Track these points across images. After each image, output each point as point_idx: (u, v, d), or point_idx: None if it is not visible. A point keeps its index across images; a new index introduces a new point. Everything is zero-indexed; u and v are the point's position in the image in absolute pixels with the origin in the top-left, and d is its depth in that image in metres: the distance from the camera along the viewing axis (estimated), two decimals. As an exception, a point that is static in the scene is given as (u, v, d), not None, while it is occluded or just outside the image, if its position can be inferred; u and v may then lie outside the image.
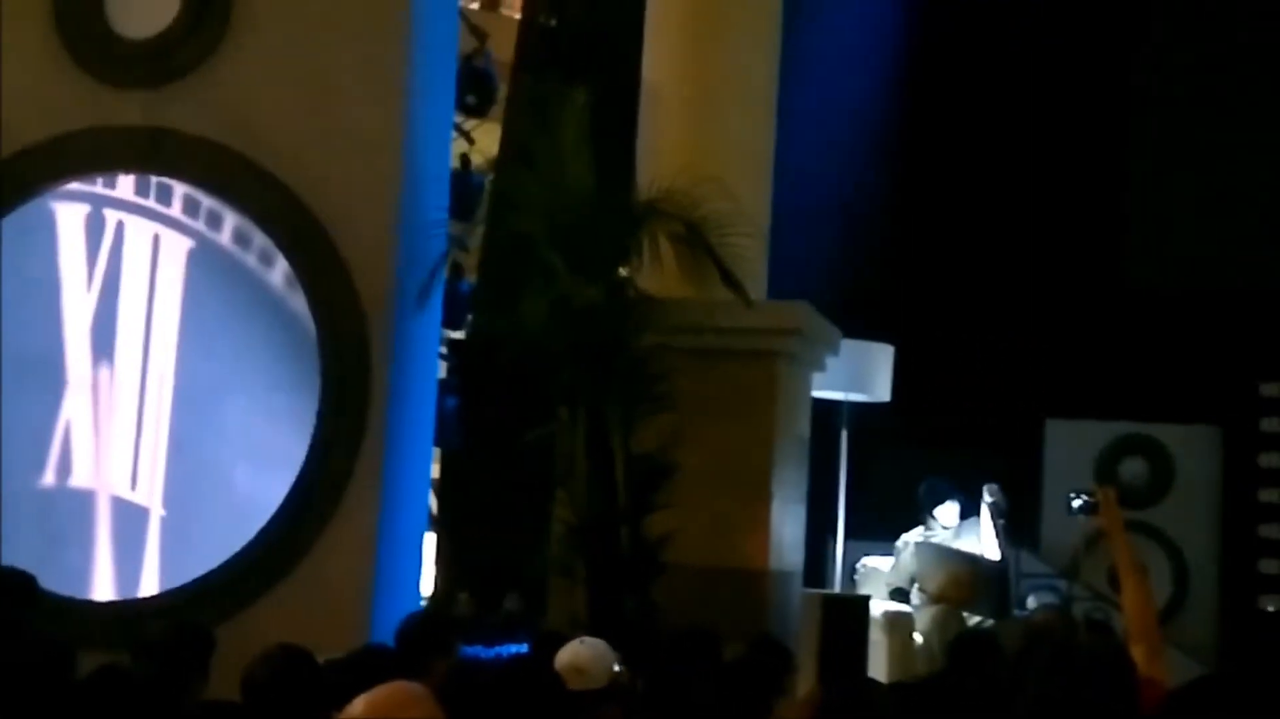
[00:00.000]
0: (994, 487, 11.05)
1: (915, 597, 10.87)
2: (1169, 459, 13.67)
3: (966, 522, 11.17)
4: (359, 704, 3.38)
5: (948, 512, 11.17)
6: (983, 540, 10.98)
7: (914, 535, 11.26)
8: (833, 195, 12.91)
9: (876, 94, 13.68)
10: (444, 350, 10.00)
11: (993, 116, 13.94)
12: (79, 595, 8.64)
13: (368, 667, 4.95)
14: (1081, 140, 14.05)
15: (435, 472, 10.41)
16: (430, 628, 6.52)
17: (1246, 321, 13.41)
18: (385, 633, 7.84)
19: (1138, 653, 5.01)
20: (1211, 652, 12.30)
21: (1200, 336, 13.39)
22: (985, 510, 10.96)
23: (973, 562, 10.79)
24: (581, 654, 5.35)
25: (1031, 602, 11.32)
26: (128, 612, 8.47)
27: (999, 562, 10.81)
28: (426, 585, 10.29)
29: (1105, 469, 13.27)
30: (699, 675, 5.29)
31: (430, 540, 10.29)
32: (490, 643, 8.78)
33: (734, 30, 10.48)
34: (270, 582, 8.60)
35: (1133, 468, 13.39)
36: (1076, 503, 6.07)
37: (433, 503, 10.35)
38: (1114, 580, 12.12)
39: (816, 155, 12.45)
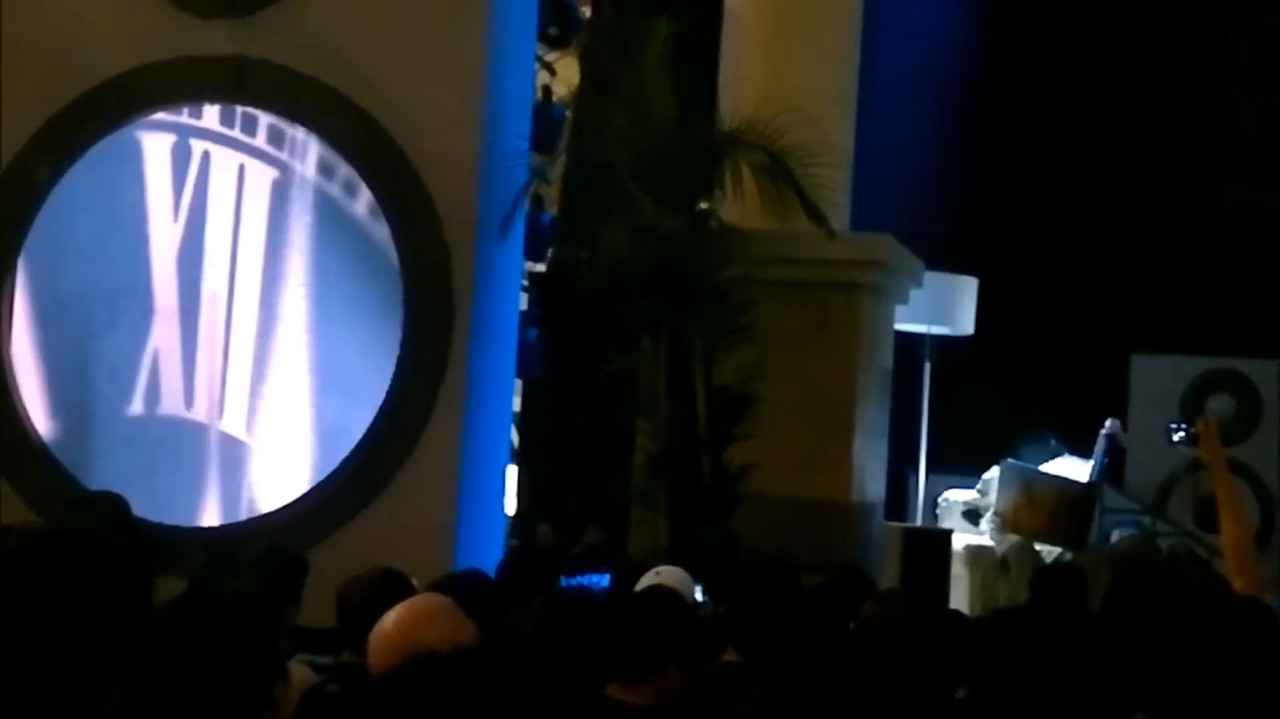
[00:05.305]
0: (1116, 422, 10.86)
1: (987, 522, 10.75)
2: (1257, 394, 13.46)
3: (1063, 459, 11.05)
4: (390, 618, 3.42)
5: (1055, 467, 11.02)
6: (1074, 468, 10.85)
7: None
8: (917, 125, 12.78)
9: (961, 24, 13.50)
10: (525, 282, 10.02)
11: (1080, 46, 13.74)
12: (166, 522, 8.74)
13: (463, 592, 4.97)
14: (1171, 73, 13.83)
15: (517, 403, 10.43)
16: (531, 565, 6.58)
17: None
18: (468, 561, 7.91)
19: (1236, 587, 4.95)
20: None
21: (1288, 270, 13.20)
22: (1100, 440, 10.78)
23: (1058, 483, 10.65)
24: (661, 579, 5.40)
25: (1116, 536, 11.23)
26: (214, 538, 8.57)
27: (1085, 484, 10.65)
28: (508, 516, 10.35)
29: (1192, 405, 13.10)
30: (777, 604, 5.28)
31: (511, 471, 10.34)
32: (572, 573, 8.82)
33: (817, -41, 10.38)
34: (353, 510, 8.68)
35: (1220, 403, 13.20)
36: (1177, 435, 5.95)
37: (514, 434, 10.38)
38: (1199, 517, 12.05)
39: (900, 85, 12.32)
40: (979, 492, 10.97)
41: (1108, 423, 10.87)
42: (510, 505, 10.28)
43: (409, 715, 1.89)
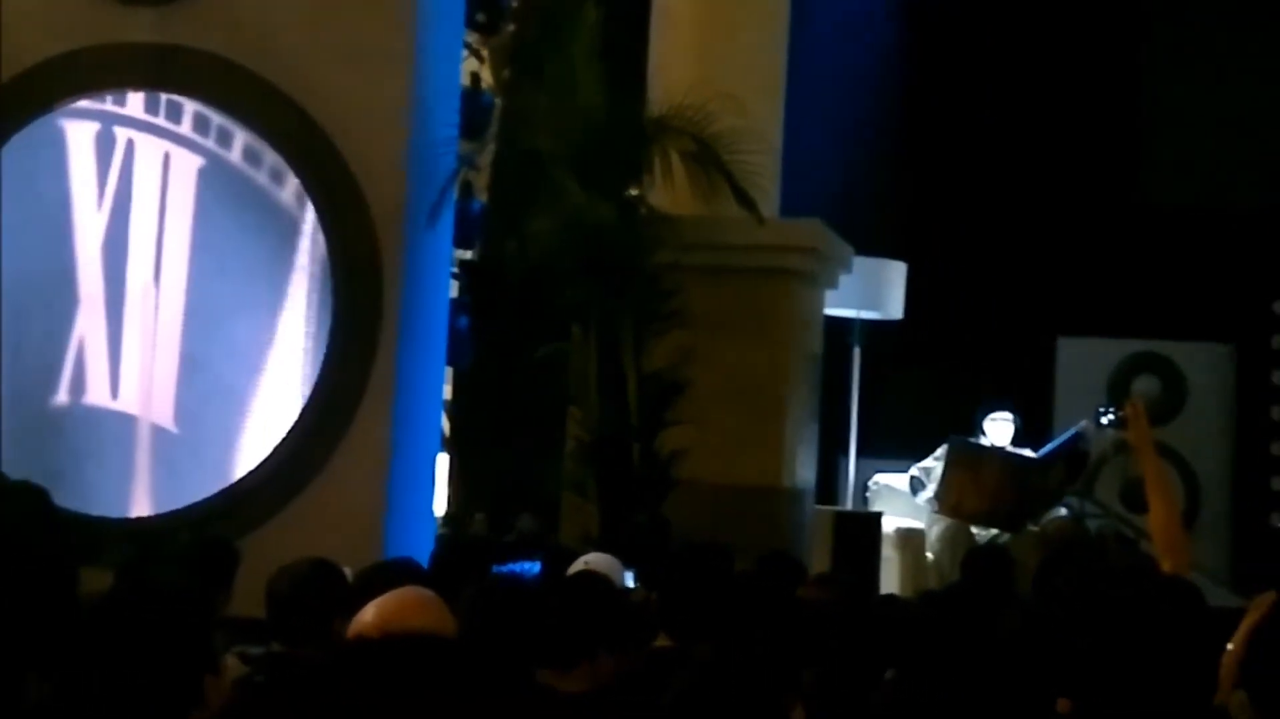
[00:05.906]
0: (1090, 425, 10.69)
1: (926, 501, 10.69)
2: (1181, 377, 13.64)
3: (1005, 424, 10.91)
4: (370, 611, 3.37)
5: (1001, 429, 10.91)
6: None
7: None
8: (845, 111, 12.83)
9: (888, 9, 13.56)
10: (455, 270, 9.99)
11: (1007, 30, 13.82)
12: (91, 513, 8.66)
13: (395, 581, 4.95)
14: (1096, 55, 13.93)
15: (447, 392, 10.41)
16: (464, 554, 6.57)
17: (1259, 239, 13.32)
18: (398, 549, 7.89)
19: (1164, 568, 5.00)
20: (1224, 570, 12.31)
21: (1213, 253, 13.32)
22: (1074, 431, 10.64)
23: (1005, 460, 10.54)
24: (590, 566, 5.41)
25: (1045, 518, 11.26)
26: (142, 529, 8.50)
27: (1034, 461, 10.55)
28: (440, 505, 10.33)
29: (1118, 387, 13.24)
30: (709, 588, 5.29)
31: (444, 460, 10.31)
32: (503, 561, 8.83)
33: (745, -55, 10.39)
34: (283, 500, 8.63)
35: (1145, 386, 13.35)
36: (1106, 418, 6.00)
37: (445, 423, 10.36)
38: (1126, 498, 12.16)
39: (829, 71, 12.36)
40: (936, 458, 10.81)
41: (1082, 422, 10.78)
42: (442, 494, 10.26)
43: (337, 703, 1.87)
